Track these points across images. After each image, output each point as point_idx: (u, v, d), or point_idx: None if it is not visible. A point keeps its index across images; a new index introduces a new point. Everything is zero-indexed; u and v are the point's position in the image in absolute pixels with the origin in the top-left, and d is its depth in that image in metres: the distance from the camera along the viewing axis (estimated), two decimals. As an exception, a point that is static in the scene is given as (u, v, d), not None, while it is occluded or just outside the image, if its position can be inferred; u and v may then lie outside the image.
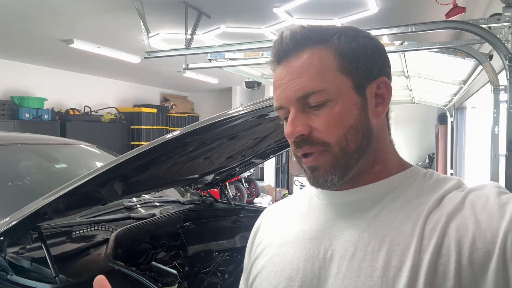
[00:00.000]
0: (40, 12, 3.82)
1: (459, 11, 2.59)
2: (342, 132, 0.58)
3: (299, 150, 0.60)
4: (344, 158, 0.59)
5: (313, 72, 0.58)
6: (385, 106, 0.62)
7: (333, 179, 0.59)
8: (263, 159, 2.28)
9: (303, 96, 0.58)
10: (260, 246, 0.70)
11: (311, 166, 0.60)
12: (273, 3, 3.46)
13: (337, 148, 0.58)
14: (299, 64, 0.59)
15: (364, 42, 0.61)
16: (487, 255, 0.48)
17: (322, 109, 0.58)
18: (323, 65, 0.58)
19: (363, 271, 0.54)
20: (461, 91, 4.61)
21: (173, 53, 3.32)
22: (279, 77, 0.61)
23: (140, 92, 9.00)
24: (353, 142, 0.59)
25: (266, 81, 5.11)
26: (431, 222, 0.54)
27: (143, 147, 1.16)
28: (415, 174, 0.62)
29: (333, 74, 0.58)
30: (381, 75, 0.62)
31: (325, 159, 0.59)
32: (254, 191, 7.72)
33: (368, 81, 0.60)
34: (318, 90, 0.57)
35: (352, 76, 0.59)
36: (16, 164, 2.09)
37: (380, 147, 0.63)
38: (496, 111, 2.01)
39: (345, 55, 0.59)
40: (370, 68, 0.60)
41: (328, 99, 0.58)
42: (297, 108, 0.59)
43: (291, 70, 0.59)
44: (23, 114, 5.93)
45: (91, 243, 1.60)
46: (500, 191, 0.55)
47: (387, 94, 0.62)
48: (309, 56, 0.59)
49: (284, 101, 0.60)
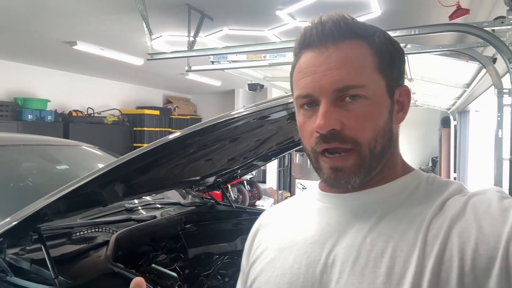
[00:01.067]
0: (43, 14, 3.84)
1: (462, 13, 2.57)
2: (374, 133, 0.57)
3: (324, 145, 0.57)
4: (370, 160, 0.58)
5: (354, 65, 0.56)
6: (405, 114, 0.63)
7: (356, 181, 0.58)
8: (265, 161, 2.27)
9: (341, 89, 0.56)
10: (259, 249, 0.68)
11: (338, 166, 0.58)
12: (276, 6, 3.46)
13: (367, 149, 0.57)
14: (340, 54, 0.56)
15: (399, 48, 0.61)
16: (490, 261, 0.48)
17: (356, 105, 0.56)
18: (364, 61, 0.57)
19: (366, 277, 0.53)
20: (464, 95, 4.59)
21: (176, 55, 3.32)
22: (312, 63, 0.58)
23: (143, 94, 9.02)
24: (380, 145, 0.58)
25: (269, 84, 5.10)
26: (433, 228, 0.53)
27: (144, 148, 1.16)
28: (418, 178, 0.62)
29: (372, 72, 0.57)
30: (403, 83, 0.62)
31: (352, 161, 0.57)
32: (256, 194, 7.70)
33: (396, 86, 0.61)
34: (359, 86, 0.56)
35: (387, 78, 0.58)
36: (18, 165, 2.09)
37: (396, 152, 0.63)
38: (500, 114, 2.00)
39: (384, 56, 0.58)
40: (400, 74, 0.61)
41: (364, 96, 0.56)
42: (330, 100, 0.56)
43: (331, 59, 0.56)
44: (26, 115, 5.95)
45: (91, 244, 1.59)
46: (502, 195, 0.54)
47: (407, 102, 0.63)
48: (352, 49, 0.57)
49: (317, 90, 0.57)
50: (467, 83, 3.96)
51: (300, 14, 3.64)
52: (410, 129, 7.93)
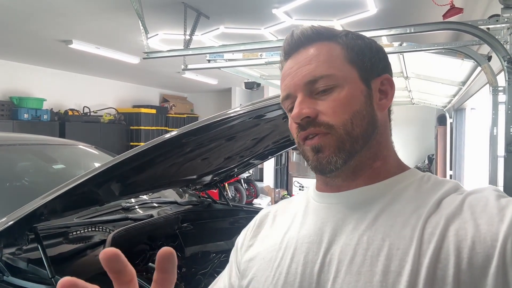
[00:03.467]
0: (39, 12, 3.82)
1: (456, 12, 2.59)
2: (348, 116, 0.59)
3: (303, 133, 0.61)
4: (349, 141, 0.59)
5: (321, 59, 0.61)
6: (388, 101, 0.64)
7: (337, 162, 0.59)
8: (261, 160, 2.27)
9: (311, 81, 0.60)
10: (256, 248, 0.68)
11: (315, 146, 0.60)
12: (272, 4, 3.46)
13: (342, 131, 0.59)
14: (308, 53, 0.62)
15: (369, 42, 0.65)
16: (487, 260, 0.48)
17: (329, 95, 0.60)
18: (332, 54, 0.61)
19: (363, 275, 0.53)
20: (460, 92, 4.61)
21: (172, 54, 3.32)
22: (288, 68, 0.63)
23: (139, 93, 9.00)
24: (358, 127, 0.60)
25: (266, 82, 5.11)
26: (430, 226, 0.53)
27: (141, 147, 1.16)
28: (413, 176, 0.62)
29: (341, 63, 0.61)
30: (384, 73, 0.64)
31: (329, 140, 0.59)
32: (253, 192, 7.71)
33: (373, 75, 0.63)
34: (327, 75, 0.59)
35: (358, 67, 0.62)
36: (14, 164, 2.08)
37: (383, 141, 0.64)
38: (495, 112, 2.01)
39: (352, 49, 0.62)
40: (375, 64, 0.63)
41: (335, 85, 0.60)
42: (304, 93, 0.60)
43: (300, 59, 0.62)
44: (22, 114, 5.92)
45: (88, 244, 1.59)
46: (499, 194, 0.55)
47: (390, 90, 0.65)
48: (318, 47, 0.62)
49: (292, 87, 0.62)
50: (463, 81, 3.98)
51: (296, 13, 3.64)
52: (406, 126, 7.97)
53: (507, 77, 1.90)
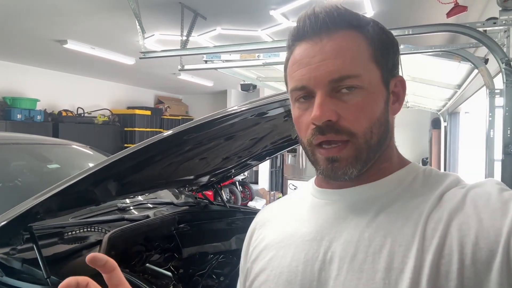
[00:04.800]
0: (33, 12, 3.78)
1: (460, 10, 2.59)
2: (369, 124, 0.56)
3: (320, 137, 0.56)
4: (366, 151, 0.57)
5: (350, 56, 0.55)
6: (400, 104, 0.62)
7: (353, 172, 0.57)
8: (259, 160, 2.26)
9: (336, 79, 0.55)
10: (257, 248, 0.67)
11: (333, 157, 0.57)
12: (269, 6, 3.46)
13: (362, 140, 0.56)
14: (335, 45, 0.55)
15: (392, 39, 0.60)
16: (491, 255, 0.47)
17: (351, 96, 0.55)
18: (359, 51, 0.56)
19: (365, 273, 0.52)
20: (455, 96, 4.64)
21: (168, 54, 3.30)
22: (307, 55, 0.56)
23: (134, 94, 8.95)
24: (376, 135, 0.57)
25: (262, 84, 5.10)
26: (432, 222, 0.52)
27: (138, 145, 1.14)
28: (415, 171, 0.61)
29: (367, 62, 0.56)
30: (398, 74, 0.62)
31: (348, 152, 0.56)
32: (248, 195, 7.69)
33: (391, 76, 0.60)
34: (354, 75, 0.55)
35: (382, 68, 0.58)
36: (8, 164, 2.05)
37: (392, 144, 0.62)
38: (492, 115, 2.02)
39: (378, 46, 0.58)
40: (395, 64, 0.60)
41: (360, 86, 0.55)
42: (325, 91, 0.55)
43: (325, 49, 0.55)
44: (15, 115, 5.87)
45: (83, 244, 1.57)
46: (502, 188, 0.54)
47: (402, 93, 0.62)
48: (345, 38, 0.56)
49: (313, 81, 0.56)
50: (458, 84, 4.01)
51: (293, 14, 3.64)
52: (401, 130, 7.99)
53: (505, 79, 1.90)
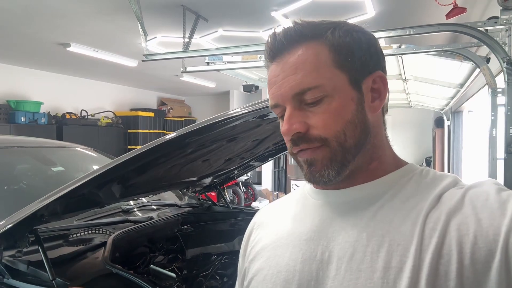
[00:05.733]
0: (37, 15, 3.81)
1: (459, 11, 2.59)
2: (340, 127, 0.57)
3: (296, 148, 0.59)
4: (341, 153, 0.57)
5: (308, 68, 0.57)
6: (382, 101, 0.61)
7: (330, 174, 0.58)
8: (261, 161, 2.27)
9: (299, 93, 0.57)
10: (255, 248, 0.68)
11: (308, 160, 0.59)
12: (271, 7, 3.47)
13: (335, 143, 0.57)
14: (293, 60, 0.57)
15: (359, 36, 0.60)
16: (490, 254, 0.47)
17: (318, 106, 0.57)
18: (319, 60, 0.57)
19: (363, 272, 0.53)
20: (458, 95, 4.63)
21: (171, 56, 3.32)
22: (274, 75, 0.60)
23: (137, 96, 8.98)
24: (351, 138, 0.58)
25: (264, 85, 5.11)
26: (431, 221, 0.52)
27: (142, 148, 1.15)
28: (412, 171, 0.61)
29: (329, 69, 0.57)
30: (376, 69, 0.61)
31: (323, 153, 0.58)
32: (251, 195, 7.70)
33: (364, 75, 0.59)
34: (315, 86, 0.56)
35: (348, 71, 0.58)
36: (13, 167, 2.07)
37: (377, 142, 0.62)
38: (494, 113, 2.01)
39: (340, 50, 0.58)
40: (365, 63, 0.59)
41: (324, 95, 0.56)
42: (293, 105, 0.58)
43: (286, 67, 0.58)
44: (19, 118, 5.90)
45: (88, 246, 1.58)
46: (500, 188, 0.54)
47: (383, 88, 0.61)
48: (304, 52, 0.57)
49: (280, 98, 0.59)
50: (461, 83, 4.00)
51: (295, 15, 3.65)
52: (404, 129, 8.00)
53: (506, 78, 1.90)
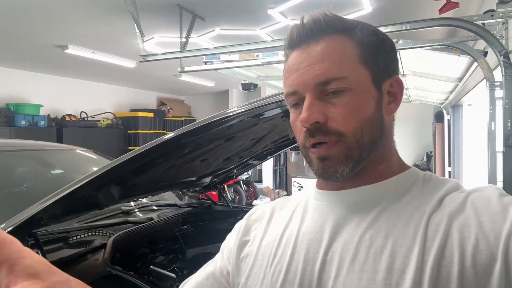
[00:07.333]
0: (34, 18, 3.81)
1: (452, 6, 2.59)
2: (359, 124, 0.57)
3: (311, 140, 0.58)
4: (357, 150, 0.57)
5: (335, 58, 0.57)
6: (397, 105, 0.62)
7: (344, 171, 0.58)
8: (260, 160, 2.27)
9: (323, 82, 0.56)
10: (252, 245, 0.67)
11: (323, 155, 0.58)
12: (267, 5, 3.46)
13: (352, 139, 0.57)
14: (320, 49, 0.57)
15: (384, 39, 0.61)
16: (491, 257, 0.48)
17: (340, 98, 0.56)
18: (346, 54, 0.57)
19: (366, 273, 0.53)
20: (457, 89, 4.62)
21: (168, 56, 3.32)
22: (296, 61, 0.59)
23: (136, 97, 8.98)
24: (367, 135, 0.58)
25: (263, 83, 5.11)
26: (433, 223, 0.53)
27: (139, 149, 1.16)
28: (415, 175, 0.62)
29: (355, 64, 0.57)
30: (395, 73, 0.62)
31: (339, 150, 0.57)
32: (252, 193, 7.71)
33: (384, 77, 0.60)
34: (340, 77, 0.56)
35: (372, 70, 0.59)
36: (12, 170, 2.07)
37: (388, 145, 0.63)
38: (492, 107, 2.01)
39: (367, 48, 0.58)
40: (388, 65, 0.61)
41: (348, 88, 0.56)
42: (313, 94, 0.57)
43: (312, 54, 0.57)
44: (19, 121, 5.90)
45: (88, 248, 1.58)
46: (501, 193, 0.54)
47: (399, 93, 0.62)
48: (332, 42, 0.58)
49: (301, 85, 0.58)
50: (459, 77, 3.99)
51: (291, 13, 3.64)
52: (404, 124, 7.98)
53: (504, 72, 1.90)
